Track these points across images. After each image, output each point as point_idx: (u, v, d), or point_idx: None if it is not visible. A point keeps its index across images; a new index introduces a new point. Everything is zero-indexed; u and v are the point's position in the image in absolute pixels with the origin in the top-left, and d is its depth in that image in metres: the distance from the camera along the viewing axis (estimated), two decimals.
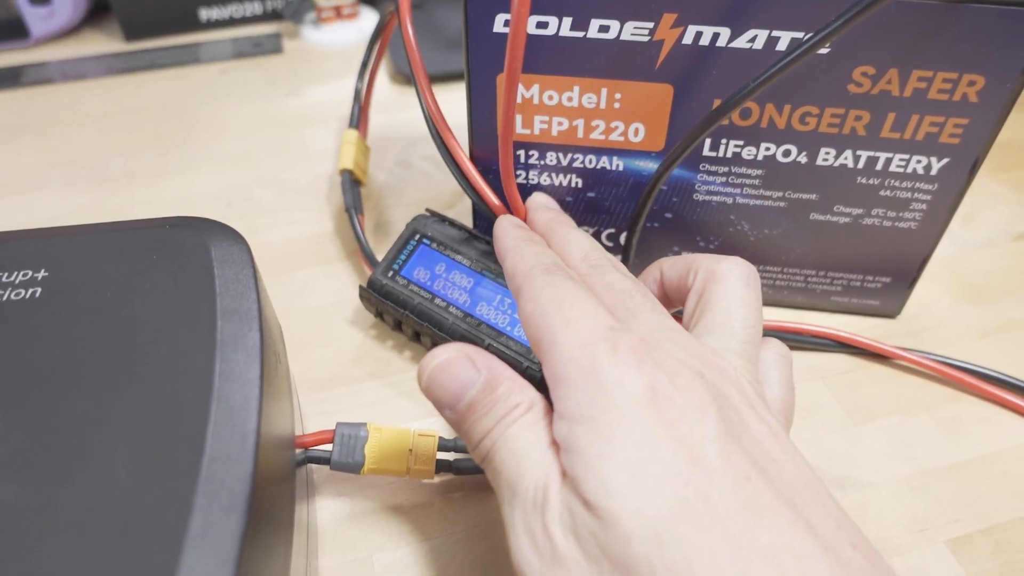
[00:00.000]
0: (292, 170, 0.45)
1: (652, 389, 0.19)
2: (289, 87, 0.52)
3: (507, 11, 0.28)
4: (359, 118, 0.43)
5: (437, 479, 0.29)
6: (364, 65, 0.42)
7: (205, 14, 0.57)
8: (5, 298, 0.22)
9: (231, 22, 0.58)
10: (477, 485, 0.29)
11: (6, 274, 0.23)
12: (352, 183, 0.40)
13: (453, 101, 0.36)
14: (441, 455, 0.28)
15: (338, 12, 0.57)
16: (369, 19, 0.58)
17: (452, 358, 0.23)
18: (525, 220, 0.30)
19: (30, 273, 0.23)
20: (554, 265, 0.24)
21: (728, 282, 0.24)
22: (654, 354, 0.20)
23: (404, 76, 0.52)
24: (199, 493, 0.18)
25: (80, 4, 0.55)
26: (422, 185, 0.44)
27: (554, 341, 0.21)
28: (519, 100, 0.31)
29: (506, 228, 0.28)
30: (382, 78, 0.52)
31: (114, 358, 0.21)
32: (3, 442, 0.19)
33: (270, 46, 0.56)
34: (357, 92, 0.43)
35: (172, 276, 0.23)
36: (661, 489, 0.18)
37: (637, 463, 0.18)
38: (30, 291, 0.23)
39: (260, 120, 0.49)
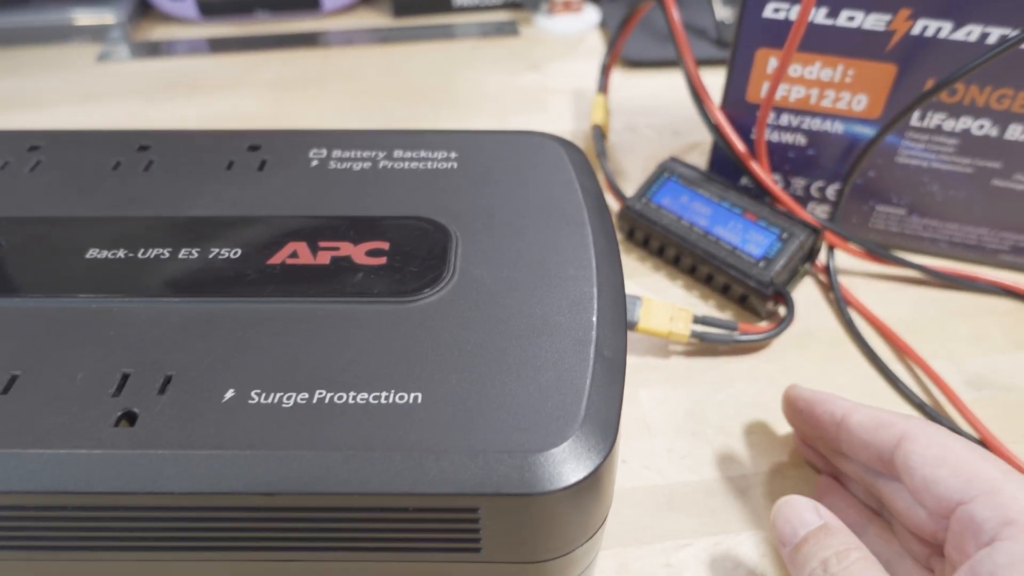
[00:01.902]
0: (541, 126, 0.55)
1: None
2: (528, 63, 0.63)
3: (777, 0, 0.37)
4: (604, 85, 0.53)
5: (688, 344, 0.38)
6: (611, 44, 0.53)
7: (459, 0, 0.69)
8: (435, 167, 0.33)
9: (477, 8, 0.70)
10: (718, 352, 0.38)
11: (433, 152, 0.34)
12: (600, 136, 0.50)
13: (664, 85, 0.49)
14: (694, 327, 0.38)
15: (567, 5, 0.68)
16: (591, 13, 0.68)
17: (800, 501, 0.27)
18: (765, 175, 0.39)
19: (446, 154, 0.34)
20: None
21: None
22: None
23: (624, 61, 0.62)
24: (596, 300, 0.28)
25: None
26: (646, 146, 0.54)
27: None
28: (768, 71, 0.40)
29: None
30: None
31: (512, 207, 0.31)
32: (467, 245, 0.29)
33: (508, 30, 0.68)
34: (603, 65, 0.53)
35: (541, 162, 0.34)
36: None
37: None
38: (450, 164, 0.34)
39: (508, 87, 0.60)
